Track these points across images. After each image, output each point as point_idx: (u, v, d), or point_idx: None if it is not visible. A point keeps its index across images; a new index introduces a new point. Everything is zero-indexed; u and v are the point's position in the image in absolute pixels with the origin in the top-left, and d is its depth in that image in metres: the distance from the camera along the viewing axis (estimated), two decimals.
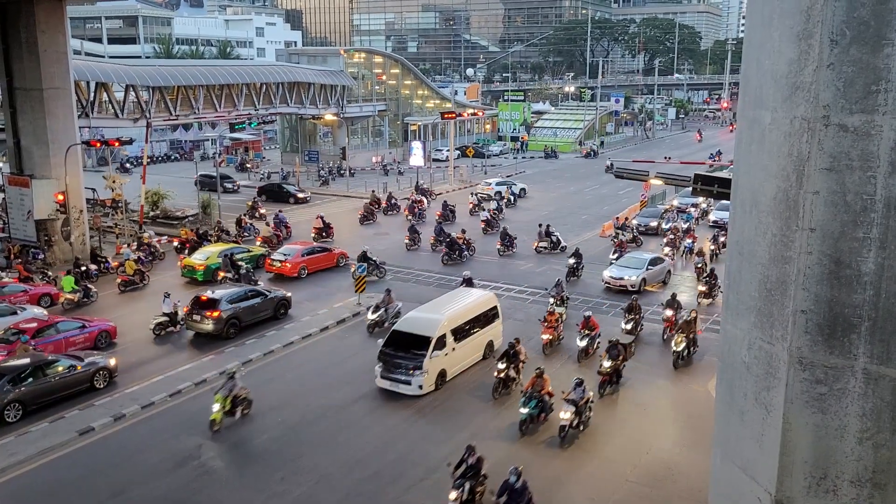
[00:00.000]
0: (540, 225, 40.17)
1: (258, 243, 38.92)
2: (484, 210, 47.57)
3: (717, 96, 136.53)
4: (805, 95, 4.58)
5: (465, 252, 38.06)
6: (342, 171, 66.52)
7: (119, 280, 32.50)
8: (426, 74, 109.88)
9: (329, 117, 68.23)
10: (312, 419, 20.63)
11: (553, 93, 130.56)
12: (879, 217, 4.40)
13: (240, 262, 33.34)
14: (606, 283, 33.13)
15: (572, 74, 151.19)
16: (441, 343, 22.26)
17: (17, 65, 35.31)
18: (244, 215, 43.84)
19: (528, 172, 68.37)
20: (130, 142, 44.25)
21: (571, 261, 34.83)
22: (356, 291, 30.42)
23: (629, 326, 26.15)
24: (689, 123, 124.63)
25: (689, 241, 39.16)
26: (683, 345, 24.11)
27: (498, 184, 55.73)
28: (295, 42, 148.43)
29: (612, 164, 64.93)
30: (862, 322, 4.57)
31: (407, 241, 40.12)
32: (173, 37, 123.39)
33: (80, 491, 17.32)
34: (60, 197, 35.53)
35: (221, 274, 32.74)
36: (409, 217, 46.81)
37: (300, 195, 52.94)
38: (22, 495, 16.59)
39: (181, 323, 27.10)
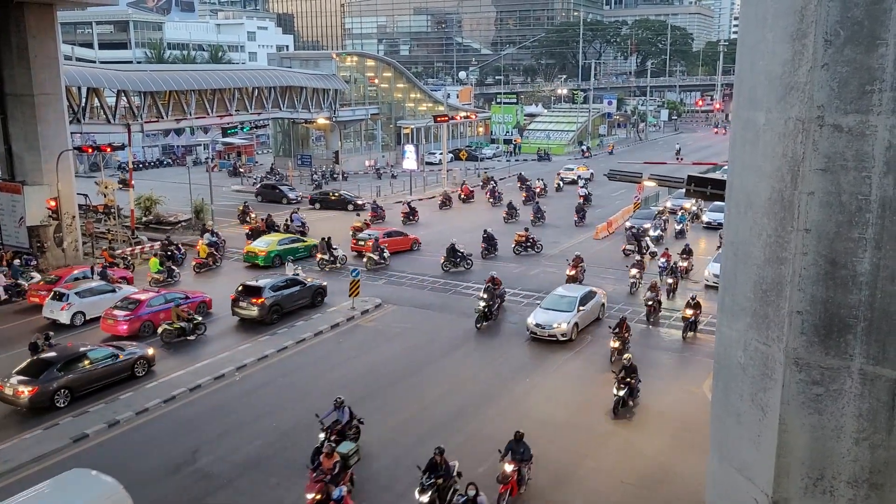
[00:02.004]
0: (631, 228, 41.16)
1: (350, 233, 41.75)
2: (582, 188, 56.06)
3: (709, 97, 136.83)
4: (799, 96, 4.57)
5: (494, 251, 39.44)
6: (335, 175, 66.51)
7: (194, 262, 36.22)
8: (418, 77, 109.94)
9: (321, 121, 68.20)
10: (307, 423, 20.56)
11: (545, 95, 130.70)
12: (874, 217, 4.40)
13: (336, 246, 37.33)
14: (531, 332, 26.63)
15: (565, 77, 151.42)
16: None
17: (8, 71, 35.15)
18: (238, 217, 44.44)
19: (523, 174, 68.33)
20: (123, 147, 44.13)
21: (482, 303, 28.23)
22: (350, 296, 30.44)
23: (425, 499, 15.70)
24: (683, 125, 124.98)
25: (662, 259, 34.39)
26: None
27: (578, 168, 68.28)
28: (287, 46, 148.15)
29: (680, 149, 78.81)
30: (858, 322, 4.56)
31: (505, 215, 48.37)
32: (165, 41, 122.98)
33: None
34: (52, 203, 35.38)
35: (319, 255, 36.64)
36: (490, 200, 54.69)
37: (359, 202, 53.19)
38: None
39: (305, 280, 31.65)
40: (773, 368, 4.96)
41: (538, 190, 57.55)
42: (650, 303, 28.81)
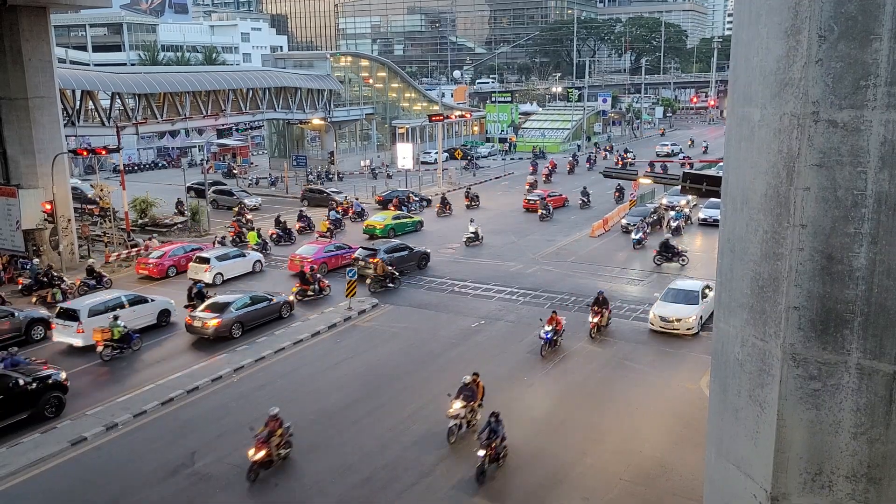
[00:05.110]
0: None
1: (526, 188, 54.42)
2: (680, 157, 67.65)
3: (704, 94, 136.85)
4: (794, 92, 4.57)
5: (589, 203, 51.24)
6: (330, 176, 66.43)
7: (316, 235, 42.77)
8: (413, 77, 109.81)
9: (316, 122, 68.12)
10: (305, 424, 20.55)
11: (540, 94, 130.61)
12: (870, 212, 4.40)
13: (546, 210, 48.25)
14: None
15: (559, 75, 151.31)
16: None
17: (2, 75, 35.07)
18: (234, 219, 44.62)
19: (517, 174, 68.37)
20: (118, 150, 44.03)
21: None
22: (347, 296, 30.41)
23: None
24: (677, 122, 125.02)
25: (546, 328, 24.84)
26: None
27: (672, 144, 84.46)
28: (281, 47, 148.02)
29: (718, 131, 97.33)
30: (854, 317, 4.56)
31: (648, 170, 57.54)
32: (158, 43, 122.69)
33: (70, 502, 17.20)
34: (48, 206, 35.30)
35: (541, 211, 48.18)
36: (588, 167, 70.72)
37: (429, 198, 55.27)
38: None
39: (481, 238, 41.31)
40: (770, 364, 4.96)
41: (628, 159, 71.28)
42: (482, 451, 17.18)
